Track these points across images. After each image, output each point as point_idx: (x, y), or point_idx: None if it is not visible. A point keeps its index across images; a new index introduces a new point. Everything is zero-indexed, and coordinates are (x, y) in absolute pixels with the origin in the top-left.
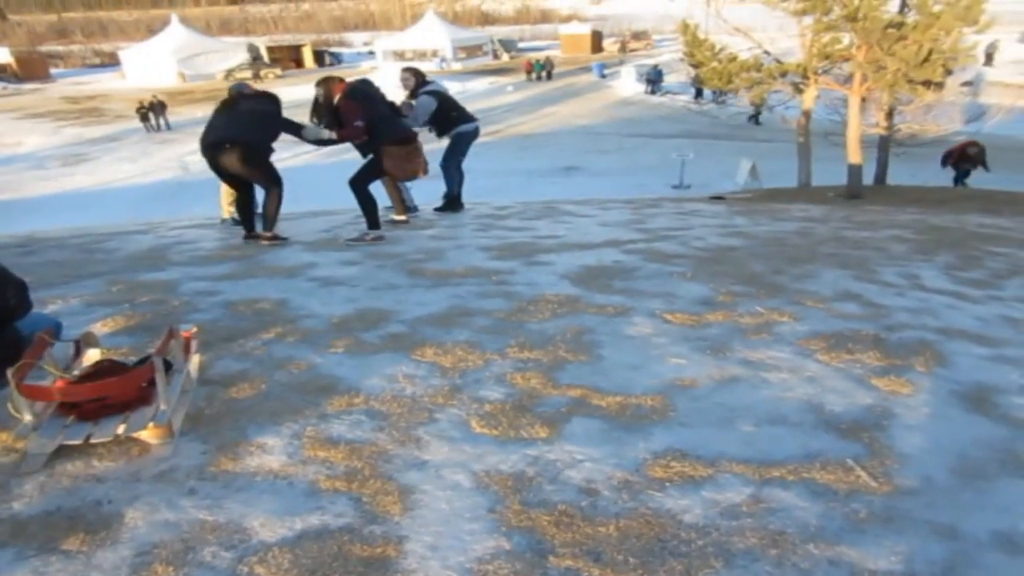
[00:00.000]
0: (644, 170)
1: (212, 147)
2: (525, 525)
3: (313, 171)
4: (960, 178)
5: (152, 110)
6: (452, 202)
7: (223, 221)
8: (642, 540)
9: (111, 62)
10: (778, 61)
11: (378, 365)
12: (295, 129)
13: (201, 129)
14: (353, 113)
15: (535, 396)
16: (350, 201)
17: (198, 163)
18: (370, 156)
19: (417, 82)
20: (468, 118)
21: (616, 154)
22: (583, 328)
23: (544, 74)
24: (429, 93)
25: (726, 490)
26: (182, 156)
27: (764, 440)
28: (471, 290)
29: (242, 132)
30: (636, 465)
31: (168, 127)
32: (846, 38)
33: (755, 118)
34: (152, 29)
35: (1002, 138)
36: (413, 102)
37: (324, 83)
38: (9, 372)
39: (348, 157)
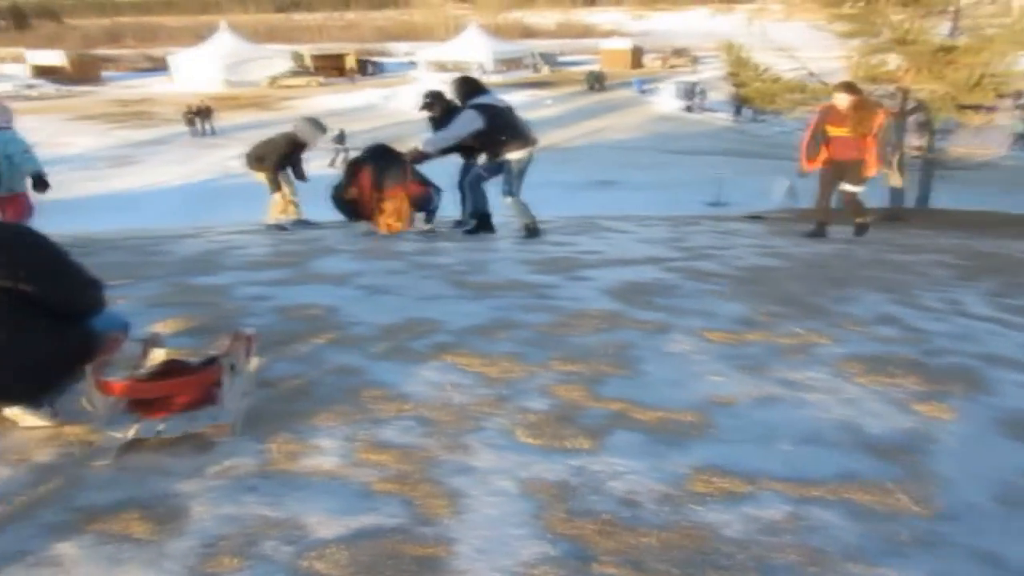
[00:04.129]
0: (679, 186)
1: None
2: (569, 532)
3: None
4: None
5: (199, 115)
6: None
7: (268, 227)
8: (683, 552)
9: (160, 67)
10: (823, 83)
11: (426, 373)
12: None
13: (246, 134)
14: None
15: (578, 408)
16: None
17: (240, 168)
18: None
19: (467, 91)
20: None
21: (652, 169)
22: (624, 343)
23: (597, 85)
24: (476, 107)
25: (766, 507)
26: (225, 160)
27: (803, 459)
28: (514, 302)
29: None
30: (677, 479)
31: (213, 132)
32: (892, 61)
33: None
34: (200, 35)
35: None
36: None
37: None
38: (88, 368)
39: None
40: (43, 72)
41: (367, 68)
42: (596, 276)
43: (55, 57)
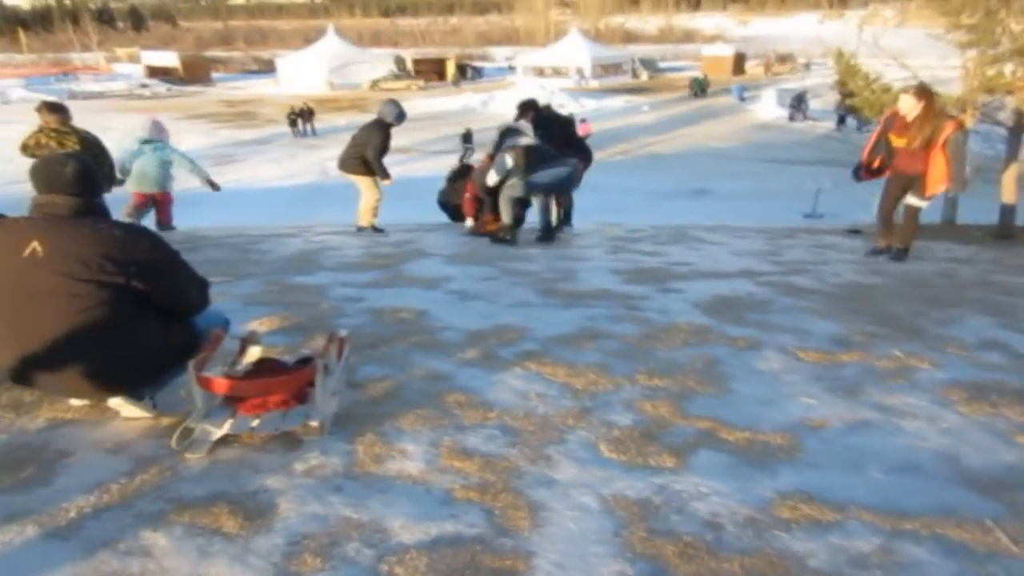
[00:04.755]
0: (775, 197)
1: None
2: (649, 552)
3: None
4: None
5: (301, 116)
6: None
7: (360, 229)
8: None
9: (267, 69)
10: (936, 93)
11: (512, 382)
12: None
13: (344, 136)
14: None
15: (663, 425)
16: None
17: (335, 169)
18: None
19: (504, 135)
20: (553, 165)
21: (747, 178)
22: (713, 359)
23: (700, 91)
24: (509, 151)
25: (854, 538)
26: (323, 161)
27: (895, 489)
28: (603, 313)
29: None
30: (762, 503)
31: (314, 133)
32: (1009, 71)
33: None
34: (308, 38)
35: None
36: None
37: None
38: (191, 363)
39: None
40: (156, 72)
41: (467, 72)
42: (687, 288)
43: (168, 58)
